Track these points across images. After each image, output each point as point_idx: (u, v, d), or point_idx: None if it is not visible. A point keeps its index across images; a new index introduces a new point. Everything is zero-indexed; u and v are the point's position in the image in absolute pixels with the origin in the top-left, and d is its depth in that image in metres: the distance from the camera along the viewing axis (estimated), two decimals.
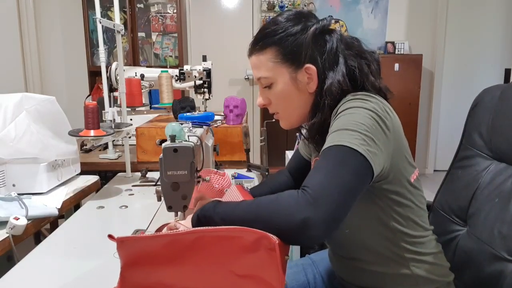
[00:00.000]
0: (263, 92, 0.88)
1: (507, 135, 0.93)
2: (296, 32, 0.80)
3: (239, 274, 0.64)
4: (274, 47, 0.81)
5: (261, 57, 0.84)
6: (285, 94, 0.84)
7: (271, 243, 0.61)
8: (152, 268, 0.67)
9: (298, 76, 0.82)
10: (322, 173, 0.66)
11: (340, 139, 0.68)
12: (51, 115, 1.27)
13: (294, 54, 0.81)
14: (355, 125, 0.69)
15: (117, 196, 1.30)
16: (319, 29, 0.81)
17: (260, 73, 0.85)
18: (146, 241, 0.68)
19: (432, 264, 0.83)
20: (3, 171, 1.18)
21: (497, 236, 0.88)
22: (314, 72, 0.81)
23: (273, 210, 0.65)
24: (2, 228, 0.97)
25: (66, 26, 3.94)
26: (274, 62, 0.82)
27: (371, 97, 0.75)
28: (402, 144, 0.77)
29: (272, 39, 0.82)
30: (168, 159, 0.95)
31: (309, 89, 0.82)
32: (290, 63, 0.81)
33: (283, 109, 0.87)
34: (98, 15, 1.40)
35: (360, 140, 0.68)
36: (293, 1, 4.05)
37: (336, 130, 0.71)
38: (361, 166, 0.67)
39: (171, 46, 3.77)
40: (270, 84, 0.84)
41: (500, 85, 1.01)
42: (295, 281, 1.05)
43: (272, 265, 0.61)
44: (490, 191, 0.93)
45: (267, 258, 0.61)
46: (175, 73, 1.96)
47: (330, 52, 0.80)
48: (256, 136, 4.10)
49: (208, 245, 0.64)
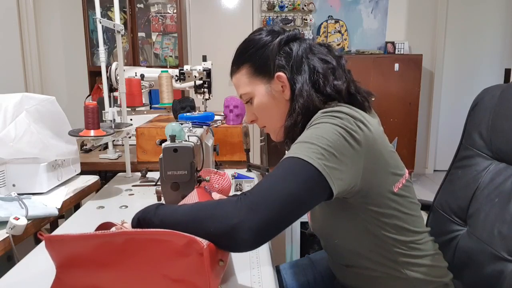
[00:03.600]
0: (248, 109, 0.91)
1: (507, 135, 0.93)
2: (264, 45, 0.84)
3: (173, 278, 0.63)
4: (247, 64, 0.87)
5: (238, 76, 0.89)
6: (264, 106, 0.87)
7: (200, 248, 0.60)
8: (87, 271, 0.65)
9: (272, 86, 0.85)
10: (268, 181, 0.66)
11: (297, 151, 0.68)
12: (51, 115, 1.27)
13: (264, 66, 0.84)
14: (316, 139, 0.69)
15: (117, 196, 1.30)
16: (284, 39, 0.84)
17: (240, 90, 0.90)
18: (76, 242, 0.65)
19: (428, 266, 0.83)
20: (3, 171, 1.18)
21: (497, 236, 0.88)
22: (285, 79, 0.83)
23: (210, 213, 0.64)
24: (2, 228, 0.97)
25: (66, 26, 3.94)
26: (249, 77, 0.87)
27: (342, 114, 0.73)
28: (380, 156, 0.75)
29: (244, 57, 0.87)
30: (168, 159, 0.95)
31: (285, 97, 0.85)
32: (263, 76, 0.85)
33: (267, 122, 0.90)
34: (98, 15, 1.40)
35: (317, 154, 0.67)
36: (293, 1, 4.05)
37: (297, 143, 0.72)
38: (312, 180, 0.66)
39: (171, 46, 3.77)
40: (251, 99, 0.88)
41: (500, 85, 1.01)
42: (295, 281, 1.05)
43: (201, 269, 0.61)
44: (490, 191, 0.93)
45: (197, 263, 0.61)
46: (175, 73, 1.96)
47: (296, 59, 0.83)
48: (256, 136, 4.10)
49: (139, 248, 0.63)
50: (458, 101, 4.16)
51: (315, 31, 4.13)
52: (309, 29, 4.14)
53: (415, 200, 0.84)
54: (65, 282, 0.66)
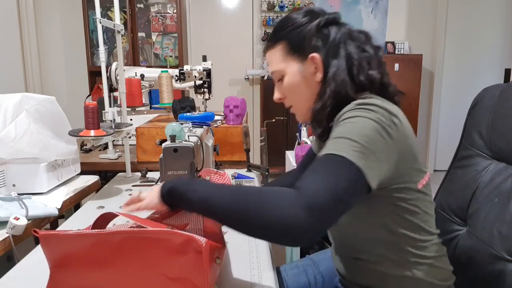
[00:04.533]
0: (278, 87, 0.91)
1: (506, 134, 0.93)
2: (302, 24, 0.84)
3: (171, 277, 0.63)
4: (283, 41, 0.86)
5: (272, 52, 0.88)
6: (294, 85, 0.86)
7: (198, 246, 0.60)
8: (82, 270, 0.65)
9: (305, 66, 0.84)
10: (319, 180, 0.64)
11: (340, 148, 0.68)
12: (51, 115, 1.27)
13: (300, 46, 0.84)
14: (357, 135, 0.69)
15: (117, 196, 1.30)
16: (323, 21, 0.84)
17: (272, 67, 0.89)
18: (72, 240, 0.64)
19: (434, 268, 0.83)
20: (3, 171, 1.18)
21: (497, 236, 0.88)
22: (319, 61, 0.83)
23: (265, 203, 0.62)
24: (2, 228, 0.97)
25: (66, 26, 3.94)
26: (283, 55, 0.86)
27: (377, 107, 0.73)
28: (410, 152, 0.76)
29: (281, 34, 0.86)
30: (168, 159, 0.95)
31: (316, 79, 0.84)
32: (297, 55, 0.85)
33: (295, 102, 0.90)
34: (98, 15, 1.40)
35: (359, 152, 0.67)
36: (293, 1, 4.05)
37: (337, 137, 0.70)
38: (356, 180, 0.66)
39: (171, 46, 3.77)
40: (281, 77, 0.88)
41: (499, 84, 1.01)
42: (296, 282, 1.05)
43: (200, 267, 0.61)
44: (489, 190, 0.93)
45: (196, 261, 0.61)
46: (175, 73, 1.96)
47: (333, 42, 0.83)
48: (256, 136, 4.10)
49: (137, 247, 0.63)
50: (458, 101, 4.16)
51: None
52: None
53: (432, 201, 0.85)
54: (60, 282, 0.66)
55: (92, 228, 0.72)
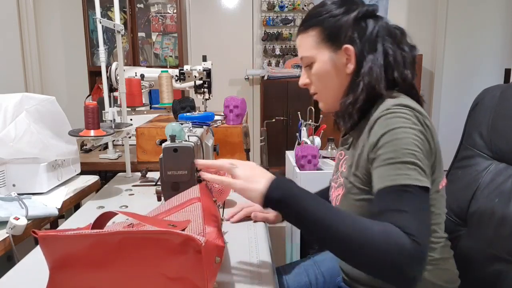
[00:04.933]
0: (305, 72, 0.91)
1: (507, 135, 0.93)
2: (339, 14, 0.83)
3: (170, 276, 0.62)
4: (317, 28, 0.85)
5: (304, 37, 0.87)
6: (323, 73, 0.86)
7: (197, 245, 0.60)
8: (82, 271, 0.64)
9: (337, 56, 0.84)
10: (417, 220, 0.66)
11: (409, 176, 0.69)
12: (51, 115, 1.27)
13: (335, 35, 0.83)
14: (410, 155, 0.70)
15: (117, 196, 1.30)
16: (362, 12, 0.83)
17: (302, 52, 0.88)
18: (71, 240, 0.64)
19: (440, 269, 0.83)
20: (3, 171, 1.18)
21: (497, 236, 0.88)
22: (353, 53, 0.82)
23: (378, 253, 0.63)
24: (2, 228, 0.97)
25: (66, 26, 3.94)
26: (316, 41, 0.85)
27: (411, 110, 0.74)
28: (437, 151, 0.79)
29: (316, 20, 0.85)
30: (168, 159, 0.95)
31: (347, 70, 0.84)
32: (330, 44, 0.84)
33: (321, 90, 0.89)
34: (98, 15, 1.40)
35: (421, 174, 0.70)
36: (293, 1, 4.05)
37: (396, 163, 0.70)
38: (428, 197, 0.71)
39: (171, 46, 3.77)
40: (311, 64, 0.87)
41: (500, 85, 1.01)
42: (297, 282, 1.05)
43: (199, 267, 0.61)
44: (490, 191, 0.93)
45: (195, 260, 0.61)
46: (175, 73, 1.96)
47: (370, 37, 0.82)
48: (256, 136, 4.10)
49: (136, 247, 0.63)
50: (458, 101, 4.16)
51: None
52: None
53: (445, 203, 0.85)
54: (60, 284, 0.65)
55: (92, 227, 0.72)
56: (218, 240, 0.68)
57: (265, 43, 4.14)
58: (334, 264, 1.06)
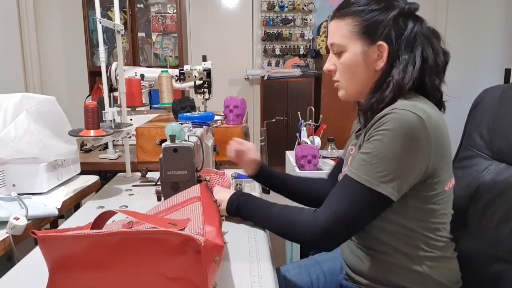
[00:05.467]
0: (332, 58, 0.90)
1: (507, 135, 0.92)
2: (379, 8, 0.83)
3: (170, 276, 0.62)
4: (354, 17, 0.84)
5: (339, 23, 0.86)
6: (352, 64, 0.85)
7: (197, 245, 0.60)
8: (81, 271, 0.64)
9: (369, 50, 0.84)
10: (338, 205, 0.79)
11: (366, 178, 0.76)
12: (51, 115, 1.27)
13: (371, 29, 0.83)
14: (381, 163, 0.74)
15: (117, 196, 1.30)
16: (403, 11, 0.83)
17: (335, 39, 0.87)
18: (70, 241, 0.64)
19: (443, 268, 0.84)
20: (3, 171, 1.18)
21: (497, 237, 0.88)
22: (386, 51, 0.82)
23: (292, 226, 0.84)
24: (2, 228, 0.97)
25: (66, 26, 3.94)
26: (350, 31, 0.84)
27: (415, 115, 0.75)
28: (445, 155, 0.80)
29: (354, 9, 0.84)
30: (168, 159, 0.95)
31: (376, 67, 0.84)
32: (365, 37, 0.83)
33: (345, 79, 0.89)
34: (98, 15, 1.40)
35: (382, 181, 0.74)
36: (293, 1, 4.05)
37: (365, 160, 0.76)
38: (378, 201, 0.77)
39: (171, 46, 3.77)
40: (341, 52, 0.87)
41: (500, 85, 1.01)
42: (298, 281, 1.05)
43: (198, 267, 0.61)
44: (490, 191, 0.92)
45: (194, 260, 0.61)
46: (175, 73, 1.96)
47: (408, 37, 0.82)
48: (256, 136, 4.10)
49: (135, 247, 0.63)
50: (458, 101, 4.14)
51: (315, 31, 4.13)
52: (309, 29, 4.14)
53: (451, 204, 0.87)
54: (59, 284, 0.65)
55: (92, 226, 0.72)
56: (218, 239, 0.68)
57: (265, 43, 4.14)
58: (336, 264, 1.06)
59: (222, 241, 0.68)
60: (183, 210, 0.78)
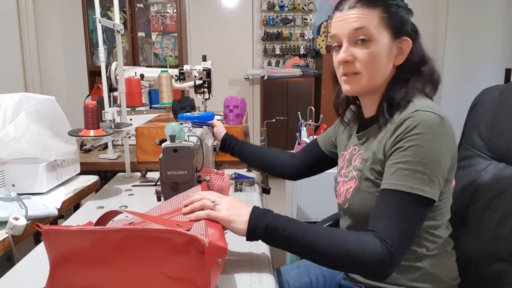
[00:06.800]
0: (350, 49, 0.84)
1: (506, 135, 0.93)
2: (404, 7, 0.86)
3: (172, 276, 0.62)
4: (384, 8, 0.83)
5: (370, 11, 0.83)
6: (379, 55, 0.83)
7: (201, 246, 0.60)
8: (83, 267, 0.65)
9: (393, 44, 0.84)
10: (400, 231, 0.74)
11: (412, 186, 0.74)
12: (51, 115, 1.27)
13: (399, 24, 0.84)
14: (424, 165, 0.74)
15: (117, 196, 1.30)
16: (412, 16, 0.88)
17: (365, 24, 0.82)
18: (74, 236, 0.64)
19: (443, 265, 0.85)
20: (3, 171, 1.18)
21: (497, 236, 0.88)
22: (409, 47, 0.84)
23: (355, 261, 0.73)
24: (2, 228, 0.97)
25: (66, 26, 3.94)
26: (380, 21, 0.83)
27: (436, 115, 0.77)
28: (456, 153, 0.81)
29: (385, 1, 0.84)
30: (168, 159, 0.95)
31: (395, 61, 0.85)
32: (392, 29, 0.84)
33: (368, 71, 0.84)
34: (98, 15, 1.40)
35: (429, 185, 0.74)
36: (293, 1, 4.05)
37: (407, 169, 0.75)
38: (428, 207, 0.77)
39: (171, 46, 3.77)
40: (367, 41, 0.83)
41: (499, 85, 1.01)
42: (298, 282, 1.05)
43: (201, 267, 0.61)
44: (489, 191, 0.93)
45: (198, 260, 0.61)
46: (175, 73, 1.96)
47: (421, 40, 0.87)
48: (256, 136, 4.10)
49: (138, 245, 0.63)
50: (458, 101, 4.15)
51: (315, 31, 4.13)
52: (309, 29, 4.14)
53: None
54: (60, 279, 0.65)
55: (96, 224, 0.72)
56: (221, 242, 0.68)
57: (265, 43, 4.14)
58: None
59: (225, 244, 0.68)
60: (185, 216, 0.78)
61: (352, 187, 0.87)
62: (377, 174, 0.82)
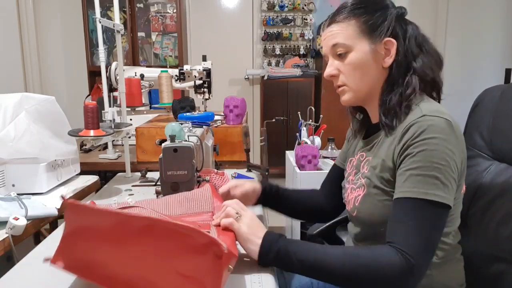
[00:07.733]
0: (334, 63, 0.87)
1: (507, 135, 0.92)
2: (379, 8, 0.84)
3: (182, 273, 0.62)
4: (361, 17, 0.83)
5: (342, 25, 0.85)
6: (361, 63, 0.84)
7: (220, 250, 0.60)
8: (96, 244, 0.65)
9: (377, 48, 0.83)
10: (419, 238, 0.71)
11: (427, 192, 0.72)
12: (51, 115, 1.27)
13: (377, 27, 0.83)
14: (437, 169, 0.72)
15: (117, 196, 1.30)
16: (400, 12, 0.85)
17: (339, 39, 0.84)
18: (98, 215, 0.65)
19: (451, 271, 0.84)
20: (3, 171, 1.17)
21: (498, 237, 0.88)
22: (394, 47, 0.83)
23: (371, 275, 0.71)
24: (2, 228, 0.97)
25: (66, 26, 3.93)
26: (356, 32, 0.83)
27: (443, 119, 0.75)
28: (465, 157, 0.80)
29: (360, 10, 0.84)
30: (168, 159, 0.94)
31: (384, 64, 0.84)
32: (371, 35, 0.83)
33: (355, 80, 0.86)
34: (98, 15, 1.40)
35: (443, 190, 0.72)
36: (293, 0, 4.05)
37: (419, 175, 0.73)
38: (446, 212, 0.74)
39: (171, 46, 3.77)
40: (345, 53, 0.85)
41: (500, 85, 1.01)
42: (298, 281, 1.05)
43: (214, 271, 0.60)
44: (490, 191, 0.92)
45: (212, 264, 0.61)
46: (175, 73, 1.96)
47: (414, 37, 0.84)
48: (256, 136, 4.10)
49: (158, 235, 0.62)
50: (458, 101, 4.14)
51: (315, 31, 4.12)
52: (309, 29, 4.14)
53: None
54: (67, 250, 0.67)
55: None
56: (233, 249, 0.68)
57: (265, 43, 4.14)
58: None
59: (237, 251, 0.68)
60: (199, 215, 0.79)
61: (360, 195, 0.86)
62: (386, 182, 0.81)
